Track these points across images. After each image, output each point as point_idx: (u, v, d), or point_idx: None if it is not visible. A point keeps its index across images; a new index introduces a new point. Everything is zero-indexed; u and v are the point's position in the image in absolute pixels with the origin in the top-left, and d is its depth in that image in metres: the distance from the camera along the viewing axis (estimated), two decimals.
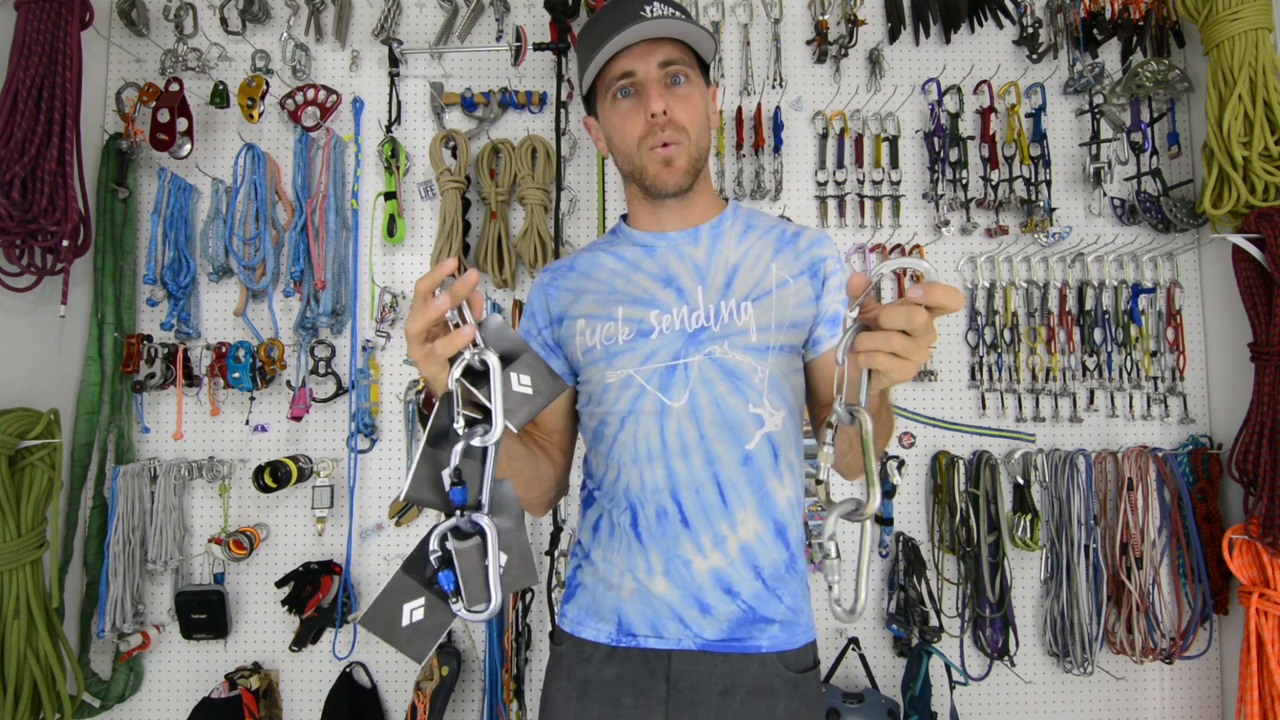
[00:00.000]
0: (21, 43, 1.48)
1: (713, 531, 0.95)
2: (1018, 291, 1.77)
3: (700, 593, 0.95)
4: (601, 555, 1.01)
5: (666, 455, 0.96)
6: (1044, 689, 1.72)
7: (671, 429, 0.96)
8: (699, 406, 0.96)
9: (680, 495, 0.96)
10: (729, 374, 0.97)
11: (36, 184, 1.46)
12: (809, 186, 1.81)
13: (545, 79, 1.81)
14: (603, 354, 1.00)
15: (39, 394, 1.55)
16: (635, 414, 0.98)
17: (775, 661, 0.96)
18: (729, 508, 0.95)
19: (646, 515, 0.97)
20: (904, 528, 1.75)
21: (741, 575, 0.95)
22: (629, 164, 1.02)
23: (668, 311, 0.99)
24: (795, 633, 0.98)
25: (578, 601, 1.02)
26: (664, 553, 0.96)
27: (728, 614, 0.95)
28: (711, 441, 0.96)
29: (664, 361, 0.97)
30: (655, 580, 0.96)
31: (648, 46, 0.97)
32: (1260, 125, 1.55)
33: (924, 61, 1.83)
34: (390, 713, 1.71)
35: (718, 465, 0.96)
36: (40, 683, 1.43)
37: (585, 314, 1.03)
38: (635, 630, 0.96)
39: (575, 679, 0.98)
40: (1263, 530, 1.49)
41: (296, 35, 1.79)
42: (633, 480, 0.98)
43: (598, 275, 1.05)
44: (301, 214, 1.72)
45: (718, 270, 1.02)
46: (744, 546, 0.96)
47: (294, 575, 1.67)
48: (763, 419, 0.97)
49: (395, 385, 1.76)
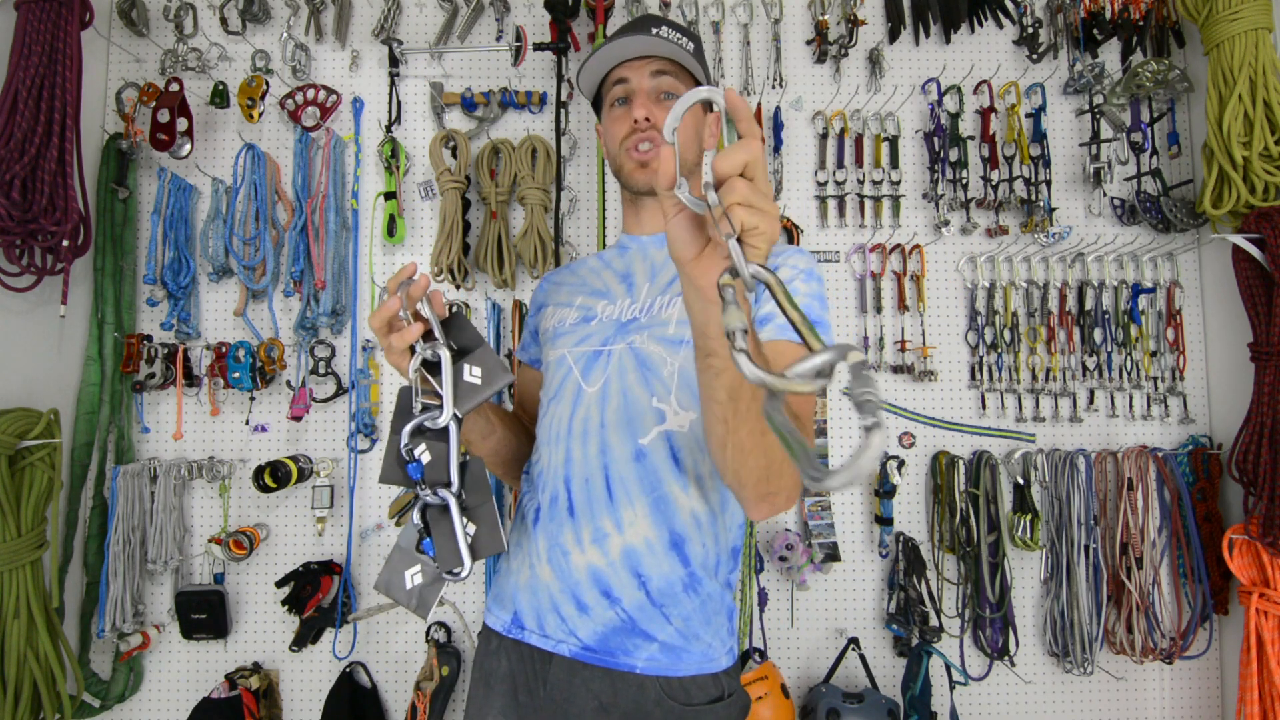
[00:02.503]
0: (21, 43, 1.48)
1: (594, 526, 0.92)
2: (1018, 291, 1.77)
3: (577, 589, 0.92)
4: (514, 540, 1.03)
5: (569, 439, 0.96)
6: (1044, 689, 1.72)
7: (579, 414, 0.96)
8: (608, 394, 0.96)
9: (572, 483, 0.95)
10: (641, 364, 0.95)
11: (36, 184, 1.46)
12: (809, 186, 1.81)
13: (545, 79, 1.81)
14: (552, 335, 1.06)
15: (39, 394, 1.55)
16: (558, 397, 1.00)
17: (656, 688, 0.89)
18: (615, 504, 0.92)
19: (543, 500, 0.97)
20: (904, 528, 1.75)
21: (622, 581, 0.91)
22: (614, 164, 1.09)
23: (613, 303, 1.03)
24: (682, 659, 0.91)
25: (492, 590, 1.06)
26: (549, 539, 0.95)
27: (605, 619, 0.91)
28: (609, 430, 0.94)
29: (593, 346, 1.00)
30: (541, 567, 0.95)
31: (645, 61, 1.05)
32: (1260, 125, 1.55)
33: (924, 61, 1.83)
34: (390, 713, 1.71)
35: (609, 456, 0.93)
36: (40, 683, 1.43)
37: (556, 301, 1.11)
38: (524, 622, 0.96)
39: (482, 669, 1.00)
40: (1263, 530, 1.49)
41: (296, 35, 1.79)
42: (544, 462, 0.99)
43: (580, 272, 1.13)
44: (301, 214, 1.72)
45: (667, 270, 1.03)
46: (628, 550, 0.91)
47: (294, 575, 1.67)
48: (664, 415, 0.93)
49: (395, 385, 1.76)
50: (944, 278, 1.79)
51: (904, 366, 1.75)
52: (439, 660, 1.63)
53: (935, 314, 1.79)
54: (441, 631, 1.71)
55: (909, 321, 1.78)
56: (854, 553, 1.74)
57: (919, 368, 1.75)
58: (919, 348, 1.76)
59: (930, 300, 1.78)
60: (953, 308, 1.79)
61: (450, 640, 1.71)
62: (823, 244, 1.80)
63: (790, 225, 1.77)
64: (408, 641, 1.72)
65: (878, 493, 1.72)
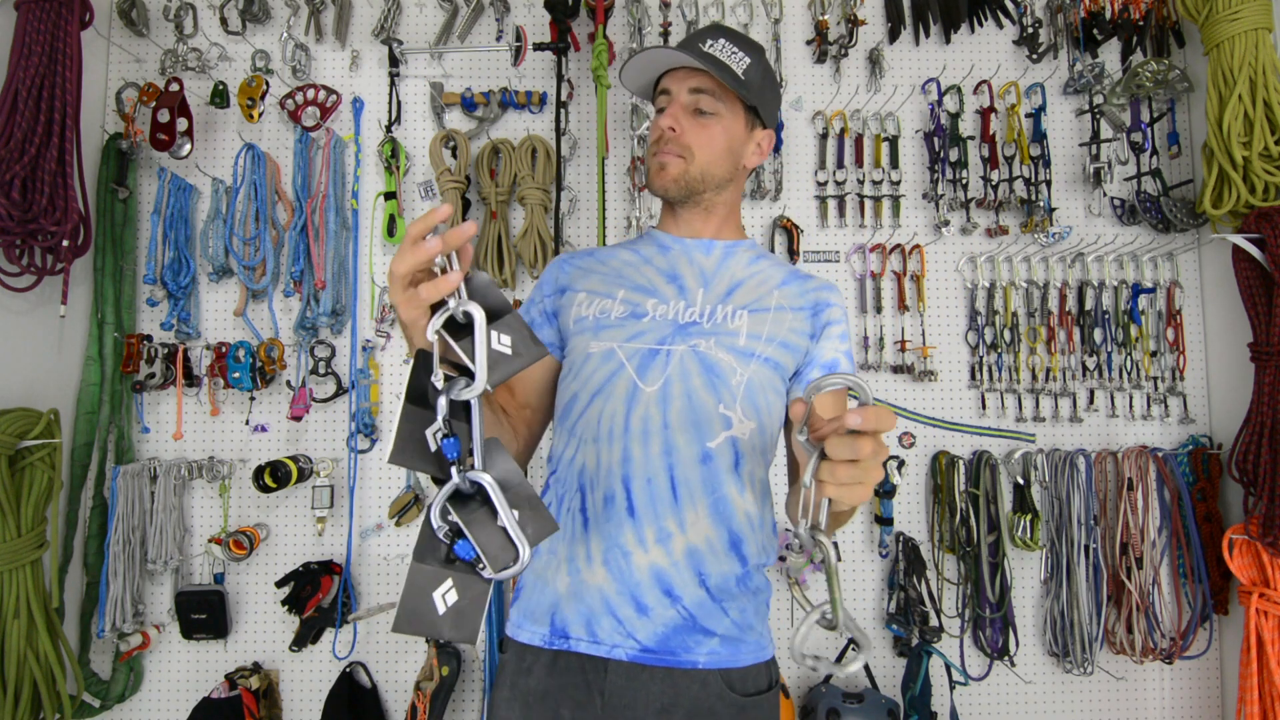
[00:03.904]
0: (21, 43, 1.48)
1: (657, 526, 0.91)
2: (1018, 291, 1.77)
3: (638, 590, 0.90)
4: (547, 545, 0.97)
5: (627, 437, 0.94)
6: (1044, 689, 1.72)
7: (638, 412, 0.94)
8: (670, 395, 0.95)
9: (632, 482, 0.92)
10: (708, 369, 0.96)
11: (36, 184, 1.46)
12: (809, 186, 1.81)
13: (545, 79, 1.81)
14: (593, 325, 1.02)
15: (39, 394, 1.55)
16: (606, 391, 0.97)
17: (718, 681, 0.90)
18: (679, 504, 0.92)
19: (594, 499, 0.94)
20: (904, 528, 1.75)
21: (685, 579, 0.91)
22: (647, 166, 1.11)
23: (665, 302, 1.02)
24: (740, 650, 0.93)
25: (519, 604, 0.99)
26: (605, 540, 0.92)
27: (666, 618, 0.90)
28: (674, 431, 0.93)
29: (648, 344, 0.98)
30: (594, 570, 0.92)
31: (688, 73, 1.03)
32: (1260, 125, 1.55)
33: (924, 61, 1.83)
34: (390, 713, 1.71)
35: (675, 457, 0.92)
36: (40, 683, 1.43)
37: (588, 289, 1.06)
38: (569, 631, 0.92)
39: (517, 689, 0.94)
40: (1263, 530, 1.49)
41: (296, 35, 1.79)
42: (588, 459, 0.95)
43: (611, 263, 1.09)
44: (301, 214, 1.72)
45: (722, 279, 1.04)
46: (691, 550, 0.91)
47: (294, 575, 1.67)
48: (731, 421, 0.94)
49: (395, 385, 1.76)
50: (944, 278, 1.79)
51: (904, 366, 1.75)
52: (439, 660, 1.63)
53: (935, 314, 1.79)
54: None
55: (909, 321, 1.78)
56: (854, 553, 1.74)
57: (919, 368, 1.75)
58: (919, 348, 1.76)
59: (930, 300, 1.78)
60: (953, 308, 1.79)
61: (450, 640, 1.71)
62: (823, 244, 1.80)
63: (790, 225, 1.77)
64: (408, 641, 1.72)
65: (878, 493, 1.72)
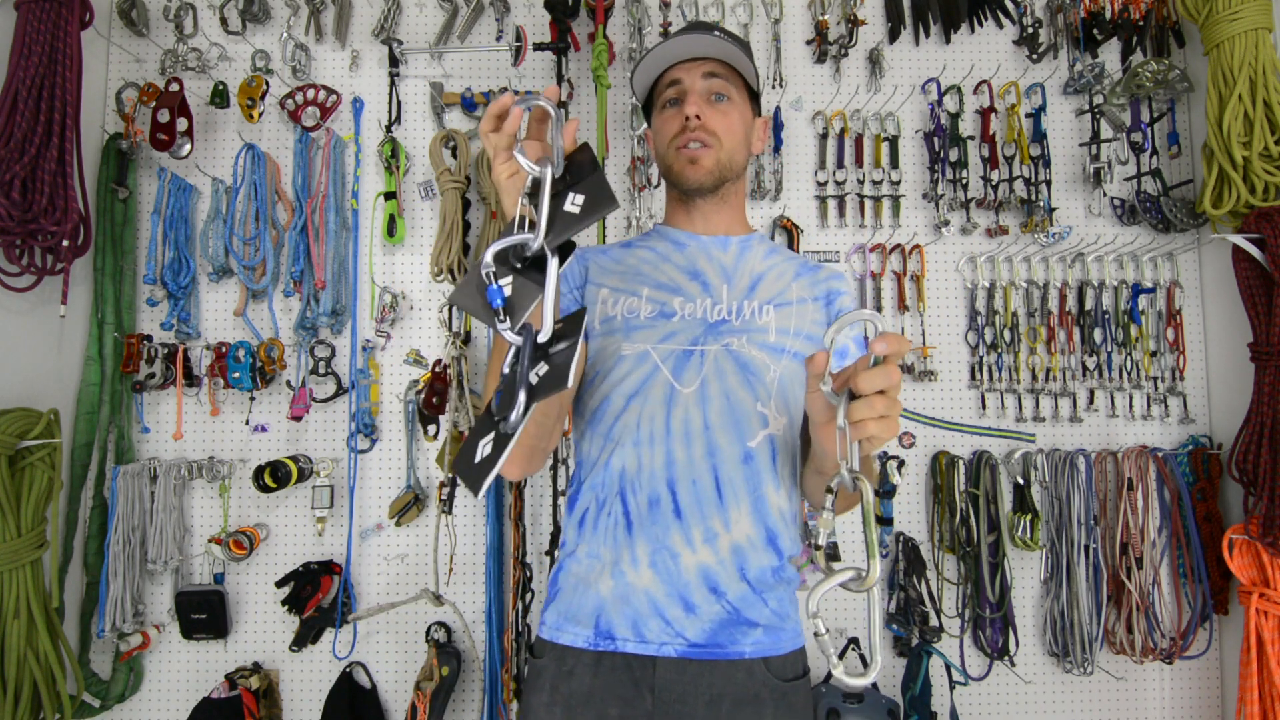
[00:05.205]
0: (21, 43, 1.48)
1: (705, 526, 0.93)
2: (1018, 291, 1.77)
3: (686, 590, 0.93)
4: (586, 550, 0.97)
5: (669, 440, 0.95)
6: (1044, 689, 1.72)
7: (678, 414, 0.95)
8: (709, 395, 0.96)
9: (677, 485, 0.94)
10: (743, 367, 0.97)
11: (36, 184, 1.46)
12: (809, 186, 1.81)
13: (545, 79, 1.81)
14: (622, 325, 1.01)
15: (39, 394, 1.55)
16: (643, 394, 0.97)
17: (762, 669, 0.94)
18: (724, 504, 0.94)
19: (638, 502, 0.95)
20: (904, 528, 1.75)
21: (729, 576, 0.94)
22: (663, 163, 1.08)
23: (691, 300, 1.02)
24: (781, 638, 0.96)
25: (556, 606, 0.99)
26: (651, 542, 0.93)
27: (712, 614, 0.93)
28: (715, 432, 0.95)
29: (681, 345, 0.98)
30: (640, 572, 0.93)
31: (698, 63, 1.04)
32: (1260, 125, 1.55)
33: (924, 61, 1.83)
34: (390, 713, 1.71)
35: (718, 458, 0.94)
36: (40, 683, 1.43)
37: (610, 285, 1.05)
38: (615, 632, 0.93)
39: (559, 693, 0.94)
40: (1263, 530, 1.49)
41: (296, 35, 1.79)
42: (629, 463, 0.95)
43: (627, 260, 1.09)
44: (301, 214, 1.72)
45: (743, 274, 1.05)
46: (735, 548, 0.94)
47: (294, 575, 1.67)
48: (767, 419, 0.97)
49: (395, 385, 1.76)
50: (944, 278, 1.79)
51: (904, 366, 1.75)
52: (439, 660, 1.62)
53: (935, 314, 1.79)
54: (441, 631, 1.71)
55: (909, 321, 1.78)
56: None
57: (919, 368, 1.75)
58: (919, 348, 1.76)
59: (930, 300, 1.78)
60: (953, 308, 1.79)
61: (450, 640, 1.71)
62: (823, 244, 1.80)
63: (790, 225, 1.77)
64: (408, 641, 1.72)
65: (878, 492, 1.72)
